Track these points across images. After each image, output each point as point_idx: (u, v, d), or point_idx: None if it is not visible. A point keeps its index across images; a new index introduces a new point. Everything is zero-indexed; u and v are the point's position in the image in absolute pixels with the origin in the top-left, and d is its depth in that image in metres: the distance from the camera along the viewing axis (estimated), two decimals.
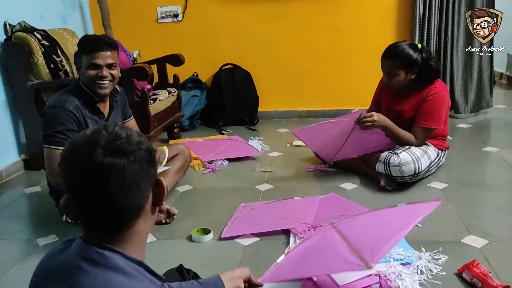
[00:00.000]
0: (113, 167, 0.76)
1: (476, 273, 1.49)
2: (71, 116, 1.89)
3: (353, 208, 2.10)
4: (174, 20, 3.85)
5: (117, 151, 0.77)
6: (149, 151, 0.82)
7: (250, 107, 3.86)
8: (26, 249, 1.93)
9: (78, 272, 0.76)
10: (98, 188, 0.76)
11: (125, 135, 0.80)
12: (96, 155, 0.75)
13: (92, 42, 1.94)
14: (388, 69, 2.35)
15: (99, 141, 0.77)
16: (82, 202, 0.79)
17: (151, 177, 0.83)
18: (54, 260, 0.83)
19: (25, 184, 2.69)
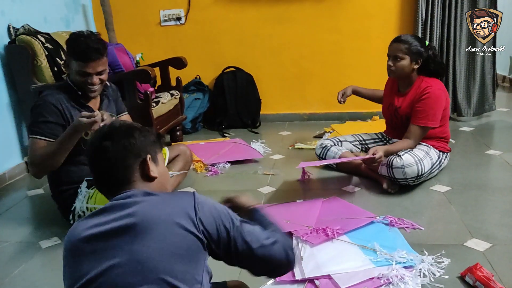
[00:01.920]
0: (105, 147, 1.06)
1: (479, 276, 1.48)
2: (52, 109, 1.93)
3: (355, 211, 2.10)
4: (177, 23, 3.87)
5: (107, 137, 1.08)
6: (132, 137, 1.09)
7: (253, 110, 3.86)
8: (29, 251, 1.93)
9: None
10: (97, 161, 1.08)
11: (118, 125, 1.12)
12: (97, 140, 1.09)
13: (83, 51, 1.91)
14: (394, 52, 2.39)
15: (101, 131, 1.13)
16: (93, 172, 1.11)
17: (135, 156, 1.08)
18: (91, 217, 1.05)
19: (28, 186, 2.70)
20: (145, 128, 1.15)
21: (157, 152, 1.15)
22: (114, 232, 0.96)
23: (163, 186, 1.14)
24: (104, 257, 0.94)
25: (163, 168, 1.16)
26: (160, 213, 0.98)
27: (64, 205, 2.10)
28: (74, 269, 1.00)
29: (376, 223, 1.98)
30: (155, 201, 1.01)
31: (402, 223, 1.96)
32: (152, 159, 1.11)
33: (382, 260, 1.67)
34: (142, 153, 1.09)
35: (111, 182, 1.08)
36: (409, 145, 2.36)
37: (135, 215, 0.96)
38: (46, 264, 1.85)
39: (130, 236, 0.94)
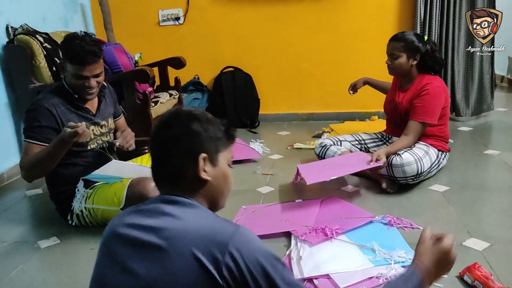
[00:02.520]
0: (159, 134, 1.00)
1: (477, 275, 1.49)
2: (46, 113, 1.92)
3: (355, 211, 2.10)
4: (176, 23, 3.87)
5: (165, 123, 1.01)
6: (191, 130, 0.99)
7: (251, 109, 3.86)
8: (27, 251, 1.93)
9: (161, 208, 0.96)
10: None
11: (180, 111, 1.02)
12: (156, 125, 1.02)
13: (80, 55, 1.89)
14: (391, 50, 2.43)
15: (164, 115, 1.04)
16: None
17: (184, 151, 0.98)
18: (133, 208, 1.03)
19: (26, 186, 2.69)
20: (211, 119, 1.02)
21: (220, 150, 1.01)
22: (139, 243, 0.92)
23: (217, 192, 1.03)
24: (118, 264, 0.93)
25: (223, 172, 1.03)
26: (188, 240, 0.88)
27: (62, 205, 2.10)
28: (97, 262, 1.01)
29: (375, 222, 1.98)
30: (190, 222, 0.91)
31: (401, 223, 1.97)
32: (209, 158, 0.99)
33: (381, 259, 1.67)
34: (196, 148, 0.98)
35: (160, 175, 1.01)
36: (408, 142, 2.36)
37: (163, 237, 0.89)
38: (44, 264, 1.85)
39: (150, 257, 0.89)
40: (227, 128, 1.04)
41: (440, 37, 3.59)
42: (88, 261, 1.82)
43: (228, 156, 1.05)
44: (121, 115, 2.36)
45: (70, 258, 1.86)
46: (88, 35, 1.99)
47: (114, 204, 1.98)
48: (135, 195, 1.94)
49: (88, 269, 1.76)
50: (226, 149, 1.04)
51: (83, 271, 1.77)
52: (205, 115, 1.02)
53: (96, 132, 2.10)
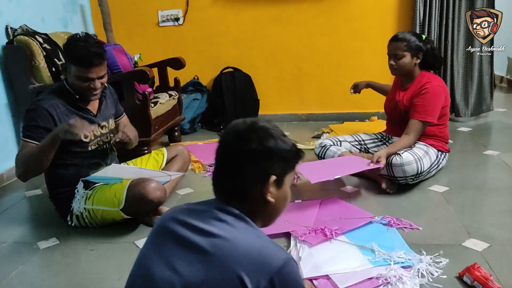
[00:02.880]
0: (232, 144, 1.00)
1: (477, 276, 1.49)
2: (45, 114, 1.92)
3: (354, 211, 2.10)
4: (175, 23, 3.87)
5: (241, 134, 0.99)
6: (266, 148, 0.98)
7: (251, 110, 3.86)
8: (27, 252, 1.93)
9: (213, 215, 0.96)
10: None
11: (257, 126, 1.00)
12: (230, 133, 1.02)
13: (86, 58, 1.89)
14: (394, 51, 2.42)
15: (239, 124, 1.03)
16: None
17: (256, 170, 0.98)
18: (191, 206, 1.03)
19: (26, 187, 2.69)
20: (284, 138, 1.02)
21: (287, 173, 1.02)
22: (188, 243, 0.93)
23: (274, 212, 1.05)
24: (163, 258, 0.94)
25: (285, 193, 1.04)
26: (235, 257, 0.89)
27: (61, 206, 2.10)
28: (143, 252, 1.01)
29: (375, 223, 1.98)
30: (242, 239, 0.92)
31: (400, 223, 1.96)
32: (277, 181, 0.99)
33: (381, 260, 1.67)
34: (268, 170, 0.98)
35: (223, 184, 1.01)
36: (408, 141, 2.36)
37: (212, 244, 0.91)
38: (44, 265, 1.84)
39: (195, 259, 0.91)
40: (297, 150, 1.04)
41: (439, 38, 3.59)
42: (88, 262, 1.82)
43: (292, 177, 1.06)
44: (124, 114, 2.36)
45: (69, 259, 1.85)
46: (90, 36, 1.99)
47: (114, 205, 1.98)
48: (135, 196, 1.95)
49: (87, 270, 1.77)
50: (292, 171, 1.05)
51: (82, 272, 1.77)
52: (279, 133, 1.02)
53: (96, 133, 2.10)
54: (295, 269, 0.93)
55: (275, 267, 0.88)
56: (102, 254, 1.87)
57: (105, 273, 1.73)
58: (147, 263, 0.97)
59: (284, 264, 0.89)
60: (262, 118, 1.04)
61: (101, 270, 1.75)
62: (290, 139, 1.04)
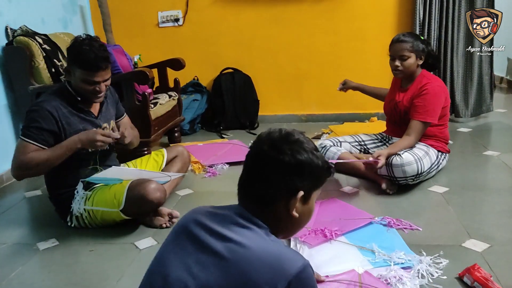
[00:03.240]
0: (266, 155, 0.98)
1: (477, 277, 1.49)
2: (48, 116, 1.91)
3: (354, 212, 2.10)
4: (175, 24, 3.87)
5: (275, 146, 0.98)
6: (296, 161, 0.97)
7: (251, 111, 3.86)
8: (26, 253, 1.92)
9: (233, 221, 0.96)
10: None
11: (293, 139, 0.99)
12: (264, 142, 1.01)
13: (93, 62, 1.89)
14: (400, 52, 2.40)
15: (273, 134, 1.02)
16: None
17: (285, 184, 0.97)
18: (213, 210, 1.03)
19: (25, 188, 2.69)
20: (316, 153, 1.00)
21: (315, 189, 1.02)
22: (206, 247, 0.93)
23: (297, 226, 1.05)
24: (181, 259, 0.95)
25: (310, 209, 1.04)
26: (252, 263, 0.89)
27: (61, 207, 2.09)
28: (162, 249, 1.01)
29: (374, 224, 1.98)
30: (260, 246, 0.91)
31: (400, 224, 1.96)
32: (304, 197, 0.99)
33: (380, 261, 1.67)
34: (297, 185, 0.97)
35: (249, 192, 1.00)
36: (409, 141, 2.36)
37: (230, 249, 0.91)
38: (43, 266, 1.84)
39: (212, 263, 0.91)
40: (328, 166, 1.03)
41: (439, 38, 3.59)
42: (87, 263, 1.82)
43: (319, 192, 1.05)
44: (125, 114, 2.35)
45: (69, 260, 1.85)
46: (94, 39, 1.98)
47: (113, 205, 1.98)
48: (135, 196, 1.95)
49: (87, 271, 1.77)
50: (320, 187, 1.04)
51: (82, 272, 1.76)
52: (312, 147, 1.01)
53: None
54: (312, 275, 0.92)
55: (292, 273, 0.88)
56: (101, 255, 1.87)
57: (105, 274, 1.73)
58: (165, 262, 0.97)
59: (302, 270, 0.89)
60: (296, 130, 1.04)
61: (101, 271, 1.75)
62: (322, 155, 1.03)
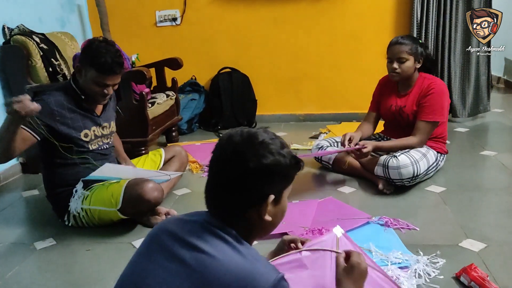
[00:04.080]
0: (227, 158, 0.94)
1: (474, 276, 1.49)
2: (48, 110, 1.93)
3: (351, 212, 2.10)
4: (173, 24, 3.86)
5: (237, 148, 0.93)
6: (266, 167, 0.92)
7: (249, 110, 3.86)
8: (23, 252, 1.92)
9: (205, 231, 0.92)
10: None
11: (258, 140, 0.93)
12: (225, 145, 0.96)
13: (110, 66, 1.93)
14: (398, 54, 2.38)
15: (235, 135, 0.96)
16: None
17: (254, 190, 0.93)
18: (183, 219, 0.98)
19: (22, 187, 2.69)
20: (283, 150, 0.95)
21: (286, 187, 0.98)
22: (175, 257, 0.90)
23: (270, 227, 1.00)
24: (150, 269, 0.92)
25: (283, 208, 1.00)
26: (220, 282, 0.85)
27: (59, 206, 2.09)
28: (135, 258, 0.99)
29: (372, 223, 1.98)
30: (231, 259, 0.87)
31: (398, 224, 1.97)
32: (275, 200, 0.95)
33: (378, 260, 1.67)
34: (266, 190, 0.93)
35: (217, 200, 0.95)
36: (412, 142, 2.35)
37: (199, 261, 0.87)
38: (41, 265, 1.84)
39: (179, 274, 0.88)
40: (296, 161, 0.98)
41: (436, 39, 3.60)
42: (84, 262, 1.82)
43: (290, 188, 1.01)
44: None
45: (66, 259, 1.85)
46: (110, 43, 2.01)
47: (111, 205, 1.98)
48: (132, 196, 1.94)
49: (84, 270, 1.77)
50: (290, 184, 1.00)
51: (79, 272, 1.76)
52: (278, 146, 0.94)
53: (97, 133, 2.11)
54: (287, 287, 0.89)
55: (266, 284, 0.85)
56: (98, 255, 1.87)
57: (102, 273, 1.73)
58: (136, 272, 0.95)
59: (275, 285, 0.86)
60: (259, 127, 1.00)
61: (98, 270, 1.75)
62: (288, 149, 0.98)
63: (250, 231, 0.97)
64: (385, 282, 1.32)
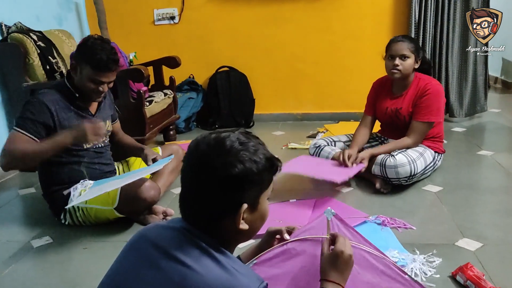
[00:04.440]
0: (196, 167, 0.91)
1: (469, 275, 1.49)
2: (43, 109, 1.92)
3: (349, 211, 2.11)
4: (171, 22, 3.86)
5: (205, 155, 0.90)
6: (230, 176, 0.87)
7: (246, 109, 3.86)
8: (20, 250, 1.92)
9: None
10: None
11: (227, 145, 0.89)
12: (194, 153, 0.93)
13: (105, 63, 1.92)
14: (401, 51, 2.37)
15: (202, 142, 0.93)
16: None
17: (225, 201, 0.89)
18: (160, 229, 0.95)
19: (19, 185, 2.68)
20: (256, 153, 0.90)
21: (263, 192, 0.93)
22: (153, 266, 0.87)
23: (251, 233, 0.96)
24: (130, 279, 0.90)
25: (262, 213, 0.95)
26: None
27: (55, 204, 2.08)
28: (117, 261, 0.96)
29: (369, 222, 1.99)
30: (209, 277, 0.84)
31: (394, 223, 1.97)
32: (250, 206, 0.90)
33: None
34: (238, 200, 0.88)
35: (192, 212, 0.92)
36: (408, 142, 2.35)
37: (180, 274, 0.84)
38: (37, 264, 1.83)
39: (160, 282, 0.85)
40: (271, 164, 0.93)
41: (434, 38, 3.61)
42: (81, 261, 1.82)
43: (269, 190, 0.96)
44: (117, 120, 2.36)
45: (62, 258, 1.85)
46: (106, 41, 2.01)
47: (107, 203, 1.97)
48: (129, 194, 1.94)
49: (80, 268, 1.77)
50: (268, 187, 0.95)
51: (75, 270, 1.76)
52: (251, 151, 0.89)
53: None
54: None
55: None
56: (95, 253, 1.87)
57: (98, 271, 1.70)
58: (115, 279, 0.93)
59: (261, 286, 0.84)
60: (230, 129, 0.95)
61: (94, 268, 1.74)
62: (264, 150, 0.93)
63: (229, 239, 0.93)
64: (386, 267, 1.23)
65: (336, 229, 1.21)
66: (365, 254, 1.20)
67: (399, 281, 1.20)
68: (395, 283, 1.20)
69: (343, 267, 1.04)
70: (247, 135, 0.94)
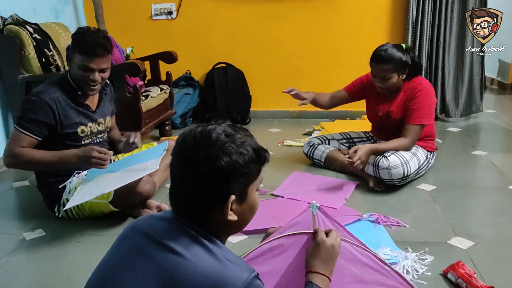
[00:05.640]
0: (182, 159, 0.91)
1: (461, 273, 1.50)
2: (45, 108, 1.91)
3: (342, 209, 2.11)
4: (168, 17, 3.85)
5: (191, 147, 0.90)
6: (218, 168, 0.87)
7: (243, 106, 3.86)
8: (13, 243, 1.91)
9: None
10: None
11: (213, 137, 0.89)
12: (180, 146, 0.93)
13: (91, 47, 1.90)
14: (382, 73, 2.33)
15: (188, 134, 0.93)
16: None
17: (211, 194, 0.89)
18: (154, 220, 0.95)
19: (13, 178, 2.67)
20: (242, 145, 0.90)
21: (251, 183, 0.92)
22: (147, 257, 0.87)
23: (241, 225, 0.96)
24: (122, 270, 0.90)
25: (251, 204, 0.95)
26: (193, 283, 0.83)
27: (49, 196, 2.08)
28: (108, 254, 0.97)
29: (362, 220, 1.99)
30: (202, 261, 0.85)
31: (388, 221, 1.98)
32: (238, 197, 0.91)
33: None
34: (224, 192, 0.89)
35: (181, 206, 0.93)
36: (403, 143, 2.32)
37: (170, 262, 0.85)
38: (30, 256, 1.83)
39: (152, 276, 0.86)
40: (259, 155, 0.93)
41: (431, 38, 3.61)
42: (74, 254, 1.81)
43: (258, 182, 0.96)
44: (113, 115, 2.35)
45: (55, 250, 1.84)
46: (99, 30, 2.00)
47: (102, 197, 1.97)
48: (124, 188, 1.93)
49: (73, 262, 1.76)
50: (257, 178, 0.95)
51: (68, 263, 1.76)
52: (238, 144, 0.89)
53: (93, 130, 2.10)
54: (261, 286, 0.88)
55: (240, 283, 0.83)
56: (88, 247, 1.86)
57: (91, 265, 1.69)
58: (106, 270, 0.93)
59: (248, 284, 0.84)
60: (217, 122, 0.95)
61: (87, 262, 1.74)
62: (251, 140, 0.94)
63: (219, 230, 0.93)
64: (368, 259, 1.25)
65: (321, 223, 1.21)
66: (349, 247, 1.22)
67: (380, 272, 1.23)
68: (377, 274, 1.23)
69: (326, 257, 1.05)
70: (234, 127, 0.94)
